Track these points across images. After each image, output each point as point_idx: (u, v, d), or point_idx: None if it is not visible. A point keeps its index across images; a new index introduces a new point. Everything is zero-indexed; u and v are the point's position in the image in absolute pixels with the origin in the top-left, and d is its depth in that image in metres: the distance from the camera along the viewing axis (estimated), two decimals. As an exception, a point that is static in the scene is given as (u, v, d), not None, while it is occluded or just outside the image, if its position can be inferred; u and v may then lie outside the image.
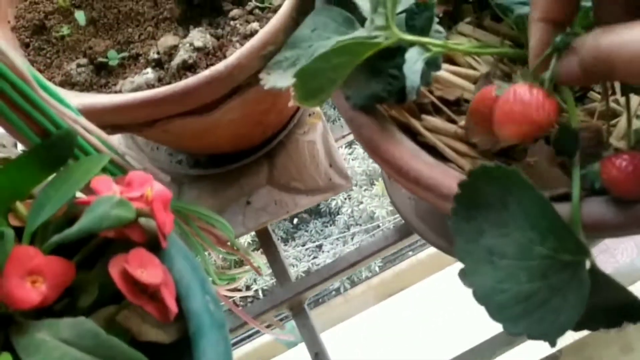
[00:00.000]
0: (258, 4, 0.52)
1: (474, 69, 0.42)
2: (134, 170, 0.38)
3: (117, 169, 0.43)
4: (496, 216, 0.31)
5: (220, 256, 0.69)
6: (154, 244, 0.33)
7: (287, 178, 0.68)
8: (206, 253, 0.62)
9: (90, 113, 0.42)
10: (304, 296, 0.64)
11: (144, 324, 0.32)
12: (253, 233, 0.73)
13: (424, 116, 0.40)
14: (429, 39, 0.34)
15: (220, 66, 0.44)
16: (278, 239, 1.46)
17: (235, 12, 0.53)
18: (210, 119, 0.49)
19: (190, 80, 0.44)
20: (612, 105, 0.39)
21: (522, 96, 0.30)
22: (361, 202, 2.17)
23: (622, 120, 0.38)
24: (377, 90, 0.38)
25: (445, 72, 0.41)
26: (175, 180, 0.70)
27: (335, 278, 0.64)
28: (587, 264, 0.30)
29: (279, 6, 0.48)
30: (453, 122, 0.39)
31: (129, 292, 0.30)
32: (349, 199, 2.21)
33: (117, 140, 0.65)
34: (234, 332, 0.68)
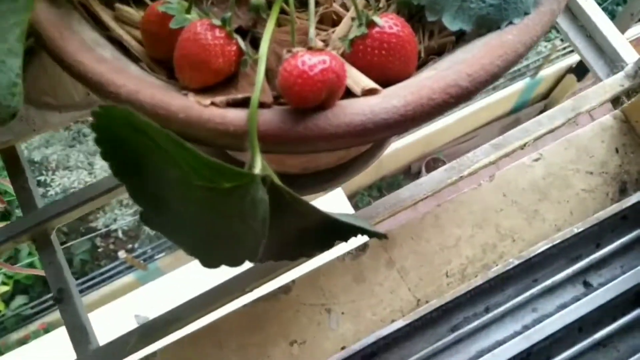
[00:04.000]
0: None
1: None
2: None
3: None
4: (149, 161, 0.27)
5: None
6: None
7: (37, 92, 0.58)
8: None
9: None
10: (50, 225, 0.56)
11: None
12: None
13: (117, 5, 0.33)
14: None
15: None
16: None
17: None
18: None
19: None
20: (338, 9, 0.35)
21: (202, 40, 0.27)
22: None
23: (342, 26, 0.33)
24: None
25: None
26: None
27: (86, 206, 0.57)
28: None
29: None
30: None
31: None
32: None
33: None
34: None
